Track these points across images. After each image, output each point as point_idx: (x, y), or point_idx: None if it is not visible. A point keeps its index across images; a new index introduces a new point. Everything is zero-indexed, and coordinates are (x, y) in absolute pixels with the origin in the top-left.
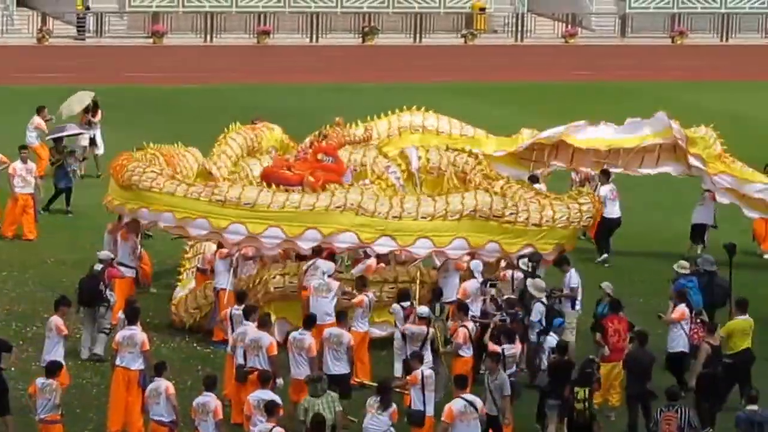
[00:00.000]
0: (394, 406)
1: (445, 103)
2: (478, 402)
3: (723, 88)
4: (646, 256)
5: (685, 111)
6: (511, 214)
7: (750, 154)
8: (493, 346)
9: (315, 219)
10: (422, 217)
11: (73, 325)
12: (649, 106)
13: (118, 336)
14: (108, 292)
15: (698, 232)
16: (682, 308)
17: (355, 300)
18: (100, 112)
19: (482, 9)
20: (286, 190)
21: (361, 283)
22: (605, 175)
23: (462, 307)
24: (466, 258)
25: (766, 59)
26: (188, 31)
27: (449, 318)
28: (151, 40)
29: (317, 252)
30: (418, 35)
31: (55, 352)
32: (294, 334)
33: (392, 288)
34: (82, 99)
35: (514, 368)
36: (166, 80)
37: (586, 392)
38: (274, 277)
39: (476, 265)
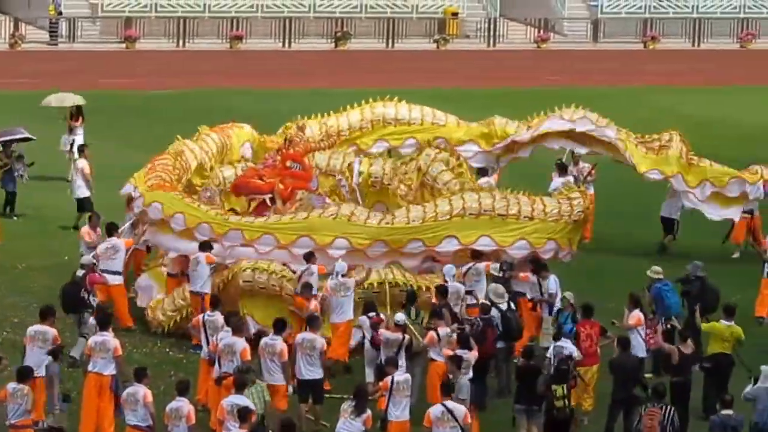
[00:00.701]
0: (369, 412)
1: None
2: (460, 410)
3: (695, 93)
4: (619, 259)
5: (658, 115)
6: (502, 207)
7: (724, 156)
8: (447, 351)
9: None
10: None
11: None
12: (622, 111)
13: (91, 342)
14: (91, 298)
15: (667, 224)
16: (637, 314)
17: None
18: (81, 118)
19: (455, 14)
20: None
21: (308, 291)
22: (562, 169)
23: (436, 312)
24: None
25: (737, 63)
26: (161, 36)
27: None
28: (123, 45)
29: (309, 257)
30: (390, 40)
31: (43, 362)
32: (266, 339)
33: (363, 290)
34: (74, 98)
35: (471, 373)
36: (138, 85)
37: (564, 389)
38: (244, 270)
39: (449, 269)
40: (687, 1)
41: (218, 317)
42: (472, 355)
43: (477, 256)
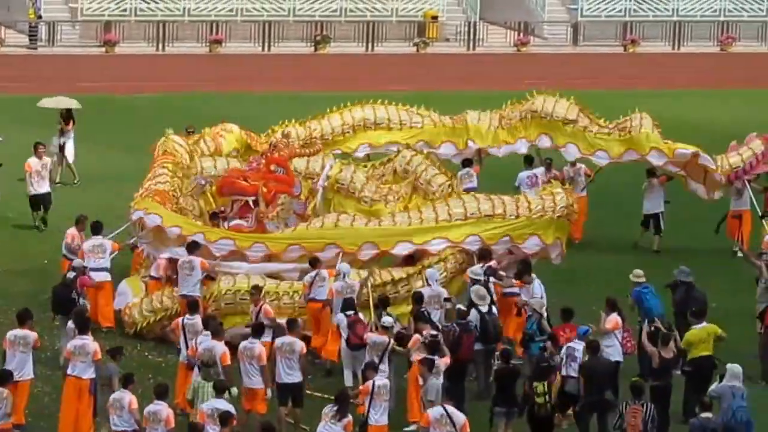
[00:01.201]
0: (350, 417)
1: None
2: (459, 417)
3: (675, 96)
4: (600, 262)
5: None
6: (489, 208)
7: None
8: (418, 356)
9: None
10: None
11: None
12: (602, 115)
13: (70, 345)
14: (81, 300)
15: (653, 220)
16: (615, 318)
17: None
18: (72, 121)
19: (434, 17)
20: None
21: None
22: (529, 162)
23: (419, 316)
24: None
25: (717, 67)
26: (140, 40)
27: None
28: (103, 49)
29: (315, 263)
30: (370, 44)
31: (27, 366)
32: (244, 342)
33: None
34: (69, 102)
35: (442, 378)
36: (118, 89)
37: (545, 386)
38: (224, 294)
39: (432, 273)
40: (667, 5)
41: (197, 321)
42: (443, 362)
43: (485, 256)
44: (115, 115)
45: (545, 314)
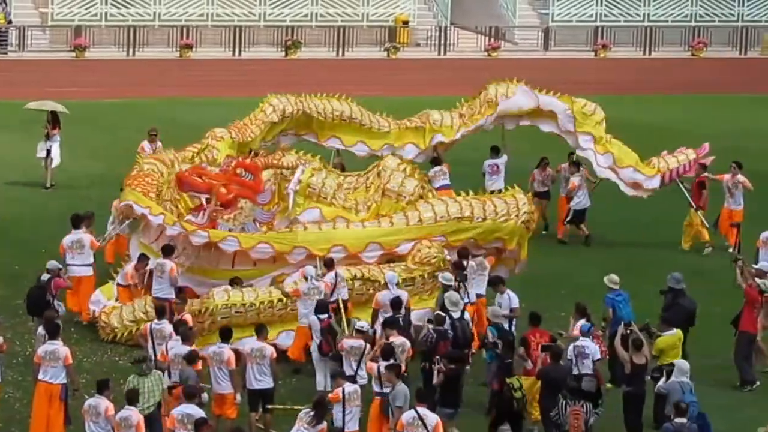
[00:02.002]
0: (325, 424)
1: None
2: (431, 419)
3: (645, 101)
4: (572, 267)
5: (608, 123)
6: (458, 211)
7: None
8: (372, 365)
9: None
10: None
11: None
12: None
13: (40, 350)
14: (56, 302)
15: (579, 217)
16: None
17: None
18: (58, 126)
19: (405, 22)
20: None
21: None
22: (495, 152)
23: (390, 322)
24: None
25: (688, 72)
26: (111, 45)
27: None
28: (73, 54)
29: (331, 264)
30: (341, 49)
31: None
32: (213, 348)
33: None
34: (54, 105)
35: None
36: (88, 94)
37: (519, 380)
38: (221, 308)
39: (392, 277)
40: (638, 10)
41: (166, 326)
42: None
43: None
44: (84, 120)
45: (506, 324)
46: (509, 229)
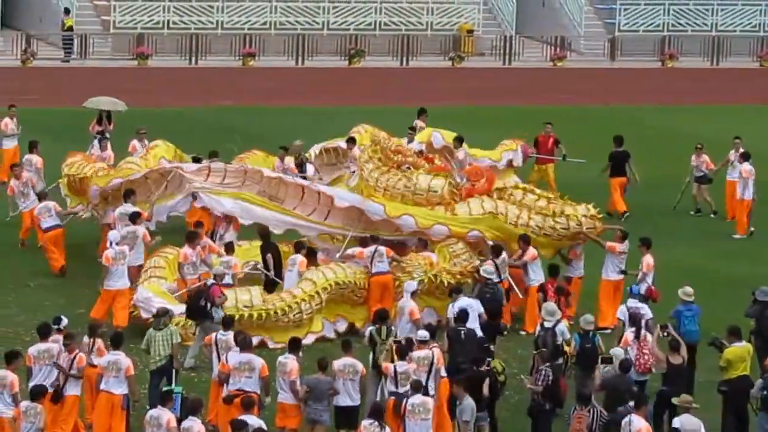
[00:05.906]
0: (388, 430)
1: (431, 125)
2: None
3: (712, 112)
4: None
5: (663, 134)
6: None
7: None
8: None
9: None
10: None
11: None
12: (636, 129)
13: (103, 360)
14: (213, 309)
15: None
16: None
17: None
18: (111, 125)
19: (470, 31)
20: None
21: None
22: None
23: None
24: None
25: (756, 82)
26: (173, 53)
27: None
28: (135, 62)
29: (375, 240)
30: (404, 57)
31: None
32: (280, 358)
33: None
34: (115, 103)
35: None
36: (150, 102)
37: (502, 364)
38: (246, 317)
39: (410, 286)
40: (706, 19)
41: (230, 337)
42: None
43: (497, 252)
44: (147, 128)
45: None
46: (498, 227)
